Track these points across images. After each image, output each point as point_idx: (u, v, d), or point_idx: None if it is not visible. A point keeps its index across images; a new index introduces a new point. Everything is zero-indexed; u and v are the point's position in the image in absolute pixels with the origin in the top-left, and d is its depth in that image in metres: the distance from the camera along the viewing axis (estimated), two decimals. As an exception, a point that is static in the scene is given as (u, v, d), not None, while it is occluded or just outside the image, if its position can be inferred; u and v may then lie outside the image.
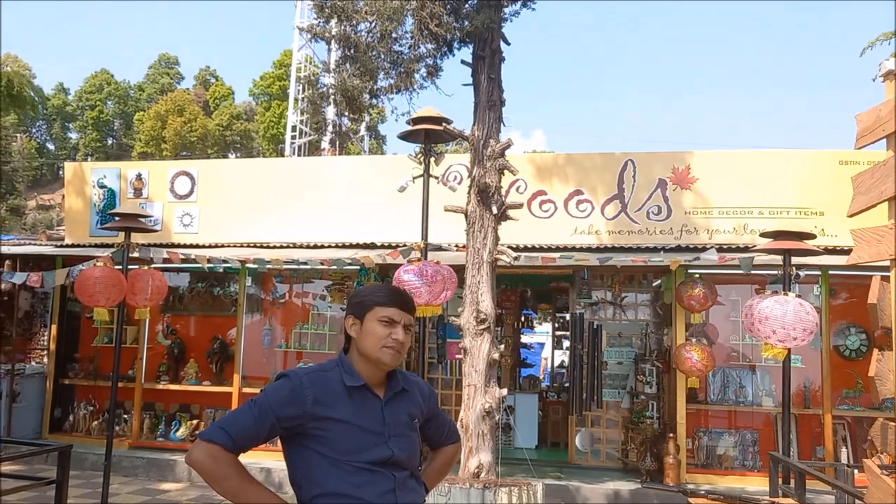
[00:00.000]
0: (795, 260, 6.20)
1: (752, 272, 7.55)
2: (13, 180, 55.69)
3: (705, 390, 8.68)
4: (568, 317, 10.82)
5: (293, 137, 28.40)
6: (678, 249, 8.51)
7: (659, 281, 8.97)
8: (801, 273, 6.59)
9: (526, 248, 8.49)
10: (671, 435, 8.06)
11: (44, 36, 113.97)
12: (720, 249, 8.21)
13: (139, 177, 10.32)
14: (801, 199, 8.75)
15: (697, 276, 7.85)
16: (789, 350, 5.81)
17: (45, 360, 10.08)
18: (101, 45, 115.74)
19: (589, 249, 8.74)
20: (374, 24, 6.01)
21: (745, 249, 7.89)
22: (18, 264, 9.33)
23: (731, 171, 8.96)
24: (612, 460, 8.92)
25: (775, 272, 7.67)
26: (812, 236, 6.20)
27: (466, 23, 6.00)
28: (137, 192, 10.28)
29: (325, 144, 23.88)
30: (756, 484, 7.91)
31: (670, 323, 8.60)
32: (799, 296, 5.91)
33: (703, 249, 8.37)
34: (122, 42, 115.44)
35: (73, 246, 10.03)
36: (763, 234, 6.43)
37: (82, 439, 9.32)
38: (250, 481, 2.15)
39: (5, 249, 9.61)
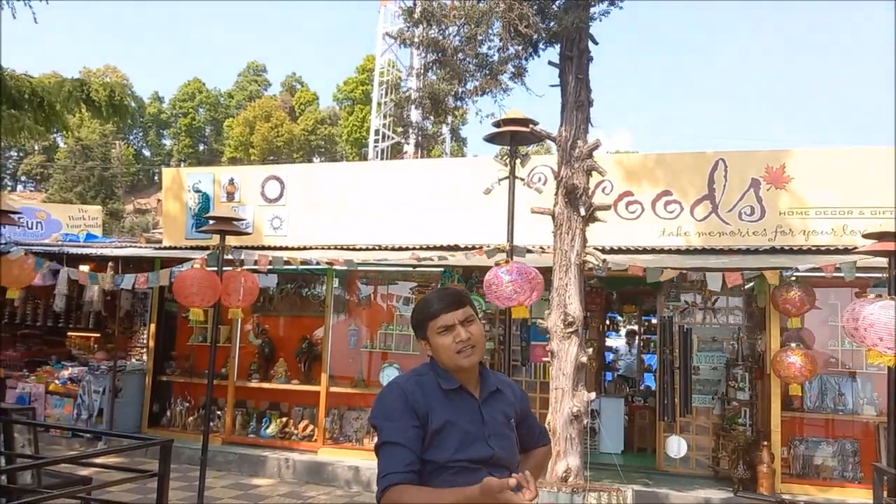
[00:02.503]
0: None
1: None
2: (112, 185, 58.49)
3: (801, 397, 8.33)
4: (655, 320, 10.62)
5: (376, 141, 28.83)
6: (772, 251, 8.21)
7: (752, 283, 8.67)
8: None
9: (612, 251, 8.36)
10: (765, 443, 7.78)
11: (140, 48, 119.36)
12: (818, 251, 7.89)
13: (232, 181, 10.67)
14: (905, 198, 8.31)
15: (793, 278, 7.55)
16: (896, 357, 5.52)
17: (145, 357, 10.52)
18: (193, 55, 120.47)
19: (678, 251, 8.54)
20: (461, 28, 6.04)
21: (845, 251, 7.55)
22: (120, 266, 9.77)
23: (828, 170, 8.57)
24: (702, 468, 8.67)
25: (879, 275, 7.30)
26: (918, 237, 5.88)
27: (553, 23, 5.96)
28: (230, 196, 10.62)
29: (407, 148, 24.16)
30: (857, 496, 7.57)
31: (764, 327, 8.31)
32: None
33: (800, 251, 8.07)
34: (213, 51, 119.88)
35: (170, 248, 10.45)
36: (865, 236, 6.13)
37: (178, 434, 9.67)
38: (439, 491, 2.13)
39: (108, 251, 10.10)
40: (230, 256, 7.69)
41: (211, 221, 7.22)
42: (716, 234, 8.73)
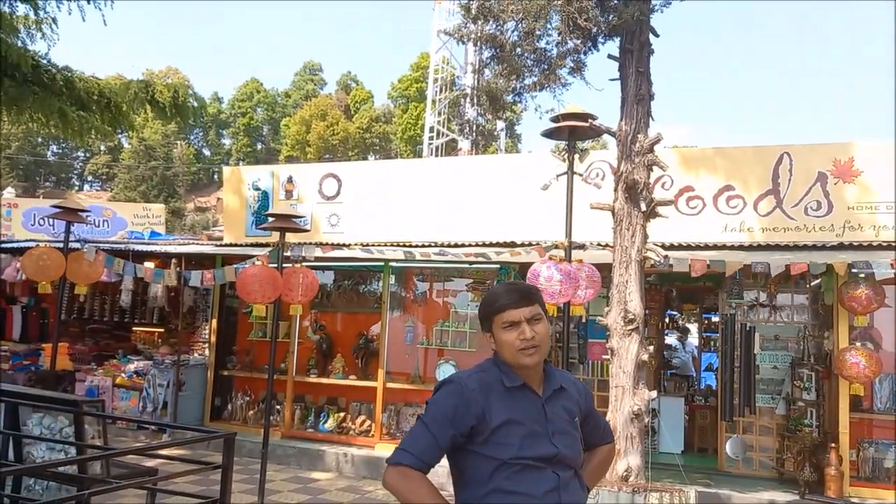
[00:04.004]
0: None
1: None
2: (174, 184, 60.01)
3: (871, 398, 8.06)
4: (716, 318, 10.39)
5: (431, 138, 28.90)
6: (840, 247, 7.96)
7: (819, 280, 8.41)
8: None
9: (672, 247, 8.21)
10: (833, 445, 7.55)
11: (200, 49, 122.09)
12: (889, 247, 7.61)
13: (290, 179, 10.83)
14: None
15: (862, 275, 7.30)
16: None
17: (207, 352, 10.75)
18: (251, 56, 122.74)
19: (741, 247, 8.34)
20: (519, 23, 5.99)
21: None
22: (183, 262, 10.00)
23: (900, 163, 8.27)
24: (765, 469, 8.45)
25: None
26: None
27: (613, 16, 5.87)
28: (288, 194, 10.78)
29: (462, 144, 24.16)
30: (931, 501, 7.29)
31: (831, 325, 8.05)
32: None
33: (869, 247, 7.80)
34: (270, 52, 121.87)
35: (231, 245, 10.64)
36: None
37: (239, 427, 9.83)
38: (441, 499, 2.16)
39: (173, 249, 10.35)
40: (289, 253, 7.81)
41: (271, 219, 7.34)
42: (780, 230, 8.51)
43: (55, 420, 4.90)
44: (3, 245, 11.50)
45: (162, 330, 11.69)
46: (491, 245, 9.18)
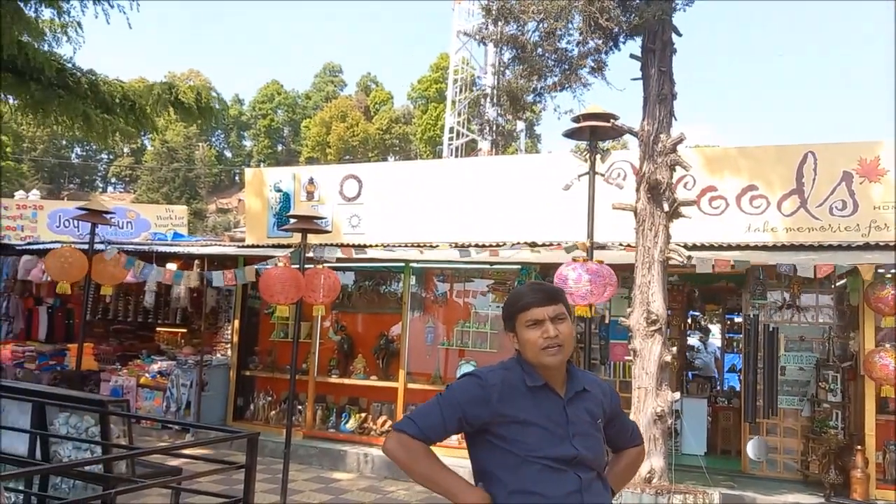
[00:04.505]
0: None
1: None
2: (196, 186, 60.53)
3: (898, 400, 7.96)
4: (738, 318, 10.31)
5: (450, 139, 28.91)
6: (866, 247, 7.87)
7: (844, 281, 8.31)
8: None
9: (695, 247, 8.15)
10: (859, 447, 7.45)
11: (221, 52, 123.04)
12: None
13: (311, 180, 10.88)
14: None
15: (889, 276, 7.21)
16: None
17: (229, 352, 10.82)
18: (271, 58, 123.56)
19: (764, 247, 8.26)
20: (540, 23, 5.98)
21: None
22: (205, 263, 10.08)
23: (928, 161, 8.16)
24: (790, 472, 8.36)
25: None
26: None
27: (635, 16, 5.84)
28: (310, 195, 10.84)
29: (482, 145, 24.15)
30: (960, 505, 7.17)
31: (857, 326, 7.95)
32: None
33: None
34: (290, 54, 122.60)
35: (252, 246, 10.71)
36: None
37: (261, 427, 9.87)
38: (441, 467, 2.25)
39: (195, 250, 10.44)
40: (311, 254, 7.85)
41: (293, 220, 7.38)
42: (805, 230, 8.43)
43: (81, 419, 4.96)
44: (30, 247, 11.66)
45: (185, 330, 11.78)
46: (512, 245, 9.16)
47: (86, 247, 8.39)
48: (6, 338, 11.39)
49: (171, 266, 10.02)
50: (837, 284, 8.38)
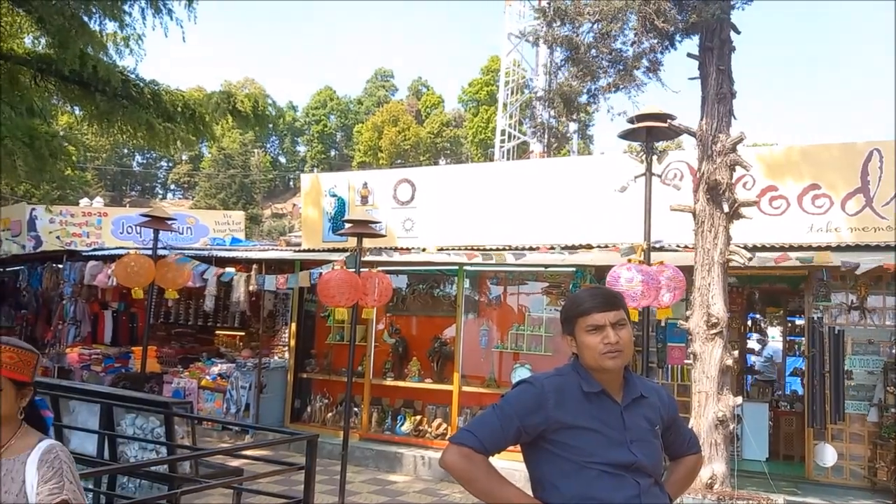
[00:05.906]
0: None
1: None
2: (252, 192, 61.68)
3: (972, 406, 7.65)
4: (801, 321, 10.04)
5: (502, 141, 28.86)
6: (936, 247, 7.59)
7: (913, 282, 8.04)
8: None
9: (756, 248, 7.97)
10: (931, 455, 7.19)
11: (275, 60, 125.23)
12: None
13: (365, 185, 10.98)
14: None
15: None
16: None
17: (287, 355, 10.99)
18: (324, 65, 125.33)
19: (828, 248, 8.03)
20: (595, 24, 5.94)
21: None
22: (263, 268, 10.26)
23: None
24: (856, 478, 8.11)
25: None
26: None
27: (692, 15, 5.75)
28: (364, 200, 10.94)
29: (534, 147, 24.05)
30: None
31: (927, 330, 7.68)
32: None
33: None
34: (343, 60, 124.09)
35: (309, 251, 10.86)
36: None
37: (318, 429, 9.97)
38: (501, 481, 2.20)
39: (253, 255, 10.63)
40: (367, 258, 7.92)
41: (348, 224, 7.46)
42: (870, 230, 8.17)
43: (147, 421, 5.10)
44: (95, 253, 12.03)
45: (243, 333, 12.02)
46: (566, 248, 9.10)
47: (150, 252, 8.62)
48: (74, 341, 11.75)
49: (231, 270, 10.22)
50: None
